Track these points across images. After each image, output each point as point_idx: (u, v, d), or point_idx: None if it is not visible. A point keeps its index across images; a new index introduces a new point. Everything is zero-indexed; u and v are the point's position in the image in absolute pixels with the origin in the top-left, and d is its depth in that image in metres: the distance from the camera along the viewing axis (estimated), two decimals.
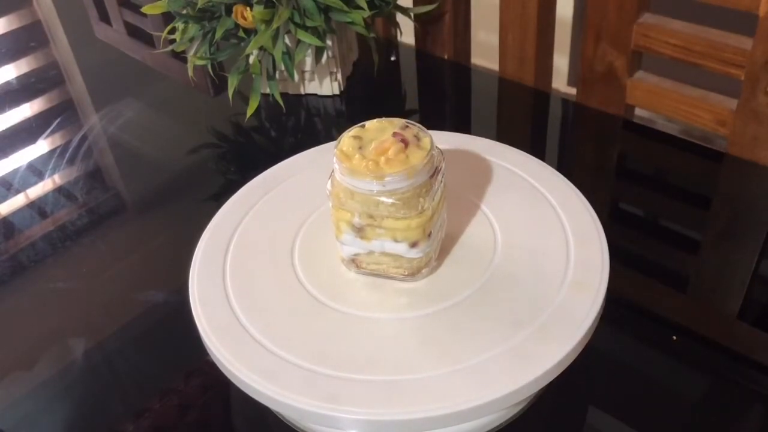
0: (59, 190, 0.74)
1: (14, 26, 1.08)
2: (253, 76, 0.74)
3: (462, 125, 0.80)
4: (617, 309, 0.50)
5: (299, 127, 0.80)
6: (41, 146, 0.80)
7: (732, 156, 0.69)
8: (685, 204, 0.68)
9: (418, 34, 0.90)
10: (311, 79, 0.81)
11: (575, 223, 0.51)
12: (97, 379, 0.54)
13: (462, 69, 0.89)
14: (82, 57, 0.98)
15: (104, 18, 1.04)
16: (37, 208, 0.72)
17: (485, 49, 0.94)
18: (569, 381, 0.44)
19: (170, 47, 0.78)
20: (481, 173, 0.56)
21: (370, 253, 0.47)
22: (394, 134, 0.45)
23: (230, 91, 0.74)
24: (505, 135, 0.76)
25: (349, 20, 0.73)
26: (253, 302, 0.48)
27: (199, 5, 0.72)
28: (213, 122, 0.81)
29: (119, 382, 0.54)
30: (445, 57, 0.88)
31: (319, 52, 0.75)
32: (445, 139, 0.57)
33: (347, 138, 0.46)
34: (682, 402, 0.50)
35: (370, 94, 0.84)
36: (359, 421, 0.41)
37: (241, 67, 0.74)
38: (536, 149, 0.67)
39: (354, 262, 0.49)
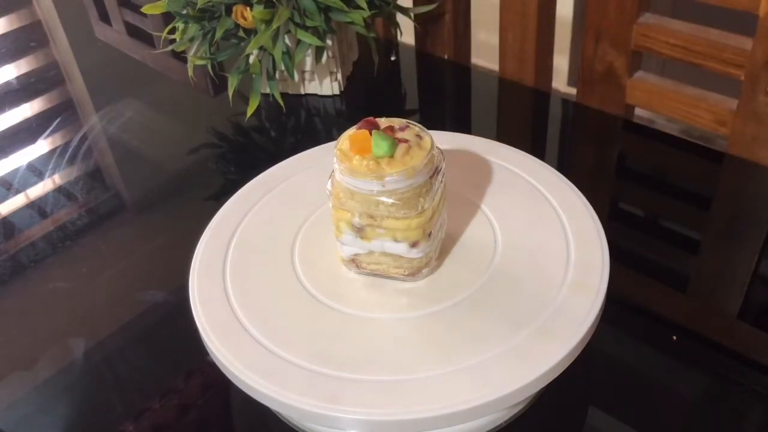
0: (59, 190, 0.74)
1: (14, 26, 1.08)
2: (253, 76, 0.74)
3: (462, 125, 0.80)
4: (617, 309, 0.50)
5: (299, 127, 0.80)
6: (41, 146, 0.80)
7: (732, 156, 0.69)
8: (685, 204, 0.68)
9: (418, 34, 0.90)
10: (311, 79, 0.81)
11: (575, 223, 0.51)
12: (97, 379, 0.54)
13: (462, 69, 0.89)
14: (82, 57, 0.98)
15: (104, 18, 1.04)
16: (37, 208, 0.72)
17: (485, 49, 0.94)
18: (569, 381, 0.44)
19: (170, 47, 0.78)
20: (481, 173, 0.56)
21: (370, 253, 0.47)
22: (386, 129, 0.45)
23: (230, 91, 0.74)
24: (505, 135, 0.76)
25: (349, 20, 0.73)
26: (253, 302, 0.48)
27: (199, 5, 0.72)
28: (213, 122, 0.81)
29: (119, 382, 0.54)
30: (445, 57, 0.88)
31: (319, 52, 0.75)
32: (445, 139, 0.57)
33: (347, 138, 0.46)
34: (682, 402, 0.50)
35: (370, 94, 0.84)
36: (359, 421, 0.41)
37: (241, 67, 0.74)
38: (536, 149, 0.67)
39: (354, 262, 0.49)
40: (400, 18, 0.81)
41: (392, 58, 0.89)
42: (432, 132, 0.46)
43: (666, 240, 0.64)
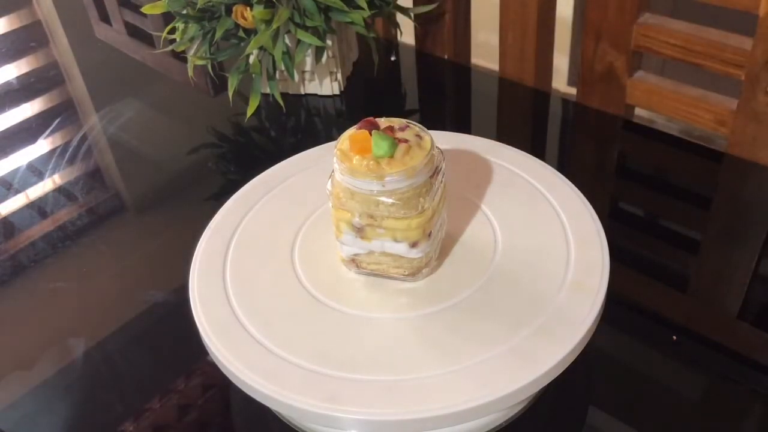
0: (59, 190, 0.74)
1: (14, 26, 1.08)
2: (253, 76, 0.74)
3: (462, 125, 0.80)
4: (617, 309, 0.50)
5: (299, 127, 0.80)
6: (41, 146, 0.80)
7: (732, 156, 0.69)
8: (685, 204, 0.68)
9: (418, 34, 0.90)
10: (311, 79, 0.81)
11: (575, 223, 0.51)
12: (97, 379, 0.54)
13: (462, 69, 0.89)
14: (82, 57, 0.98)
15: (104, 18, 1.04)
16: (37, 208, 0.72)
17: (485, 49, 0.94)
18: (569, 381, 0.44)
19: (170, 47, 0.78)
20: (481, 173, 0.56)
21: (370, 253, 0.47)
22: (387, 129, 0.45)
23: (230, 91, 0.74)
24: (505, 135, 0.76)
25: (349, 20, 0.73)
26: (253, 302, 0.48)
27: (199, 5, 0.72)
28: (213, 122, 0.81)
29: (119, 382, 0.54)
30: (445, 57, 0.88)
31: (319, 52, 0.75)
32: (445, 139, 0.57)
33: (347, 138, 0.46)
34: (682, 402, 0.50)
35: (370, 94, 0.84)
36: (359, 421, 0.41)
37: (241, 67, 0.74)
38: (536, 149, 0.67)
39: (354, 262, 0.49)
40: (400, 18, 0.81)
41: (392, 58, 0.89)
42: (432, 132, 0.46)
43: (666, 240, 0.64)
